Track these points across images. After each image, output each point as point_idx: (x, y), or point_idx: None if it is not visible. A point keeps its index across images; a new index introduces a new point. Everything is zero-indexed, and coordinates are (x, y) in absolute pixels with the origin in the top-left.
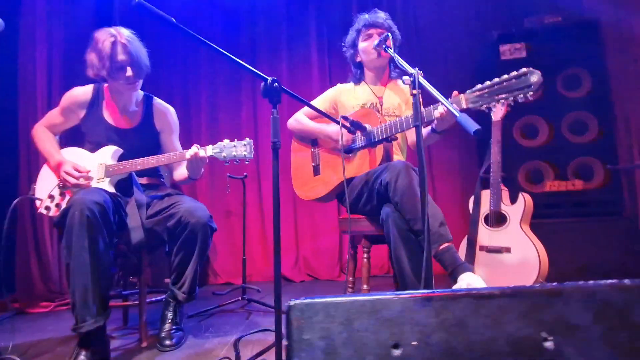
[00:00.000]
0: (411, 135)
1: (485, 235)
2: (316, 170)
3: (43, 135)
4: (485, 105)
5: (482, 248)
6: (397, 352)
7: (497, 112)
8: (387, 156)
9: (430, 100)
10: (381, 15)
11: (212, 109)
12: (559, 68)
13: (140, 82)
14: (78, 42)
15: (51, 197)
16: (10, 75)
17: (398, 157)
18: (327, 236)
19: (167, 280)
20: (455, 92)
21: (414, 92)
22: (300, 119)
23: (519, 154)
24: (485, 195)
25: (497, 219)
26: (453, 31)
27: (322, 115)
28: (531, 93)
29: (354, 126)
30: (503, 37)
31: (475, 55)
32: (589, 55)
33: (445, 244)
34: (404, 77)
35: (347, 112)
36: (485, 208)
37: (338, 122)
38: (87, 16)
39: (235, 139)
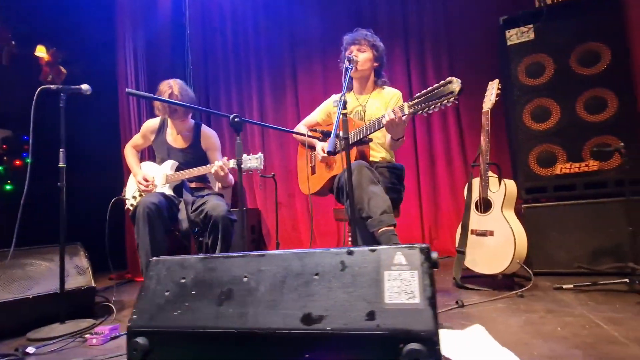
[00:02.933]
0: (388, 136)
1: (475, 220)
2: (313, 170)
3: (129, 153)
4: (421, 111)
5: (472, 232)
6: (183, 281)
7: (486, 103)
8: (362, 156)
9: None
10: (361, 33)
11: (262, 115)
12: (572, 45)
13: (189, 116)
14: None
15: (134, 197)
16: (113, 112)
17: (381, 154)
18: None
19: None
20: (405, 104)
21: (344, 111)
22: (299, 129)
23: (529, 139)
24: (476, 183)
25: (485, 205)
26: (461, 21)
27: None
28: (453, 99)
29: (325, 135)
30: (509, 22)
31: (483, 44)
32: (608, 28)
33: (384, 228)
34: (333, 101)
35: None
36: (476, 195)
37: (304, 135)
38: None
39: (251, 153)
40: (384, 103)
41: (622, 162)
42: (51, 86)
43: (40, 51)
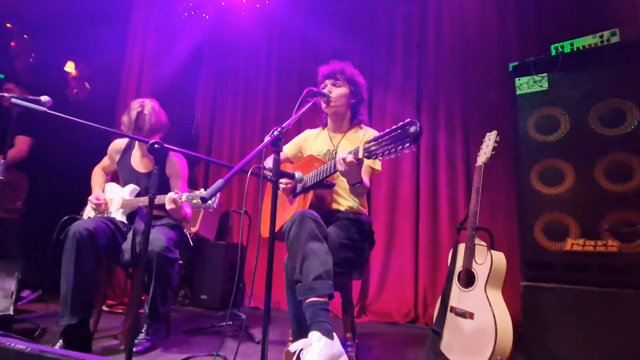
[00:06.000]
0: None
1: (456, 295)
2: None
3: (94, 175)
4: (374, 156)
5: (451, 309)
6: None
7: (481, 156)
8: (319, 202)
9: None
10: (337, 66)
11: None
12: (593, 100)
13: (155, 137)
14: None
15: (89, 218)
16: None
17: (348, 202)
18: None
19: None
20: (360, 146)
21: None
22: (267, 163)
23: (536, 204)
24: (462, 249)
25: (468, 279)
26: (471, 65)
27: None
28: (408, 145)
29: (281, 175)
30: (519, 69)
31: (491, 91)
32: (638, 82)
33: (313, 298)
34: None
35: None
36: (459, 264)
37: (247, 172)
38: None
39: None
40: (357, 144)
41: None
42: (4, 94)
43: (70, 67)
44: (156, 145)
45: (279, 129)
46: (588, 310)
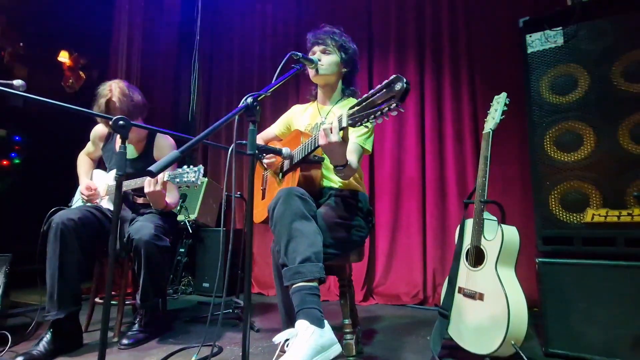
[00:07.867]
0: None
1: (464, 274)
2: (263, 194)
3: (80, 161)
4: (359, 123)
5: (460, 290)
6: None
7: (488, 122)
8: (308, 180)
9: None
10: (327, 31)
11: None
12: (615, 53)
13: (137, 121)
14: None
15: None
16: None
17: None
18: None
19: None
20: (343, 113)
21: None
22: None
23: (551, 172)
24: (470, 225)
25: (477, 257)
26: (477, 23)
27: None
28: (394, 105)
29: (266, 151)
30: (531, 24)
31: (500, 52)
32: None
33: (300, 283)
34: (293, 112)
35: None
36: (467, 241)
37: (227, 148)
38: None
39: (191, 166)
40: None
41: None
42: None
43: (63, 56)
44: (121, 122)
45: (254, 96)
46: (615, 288)
